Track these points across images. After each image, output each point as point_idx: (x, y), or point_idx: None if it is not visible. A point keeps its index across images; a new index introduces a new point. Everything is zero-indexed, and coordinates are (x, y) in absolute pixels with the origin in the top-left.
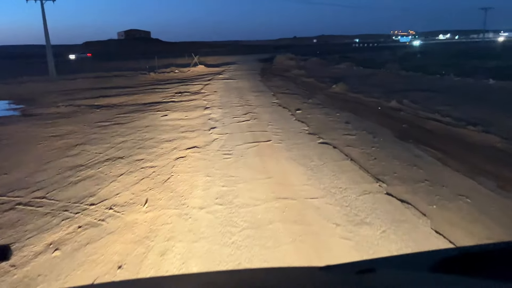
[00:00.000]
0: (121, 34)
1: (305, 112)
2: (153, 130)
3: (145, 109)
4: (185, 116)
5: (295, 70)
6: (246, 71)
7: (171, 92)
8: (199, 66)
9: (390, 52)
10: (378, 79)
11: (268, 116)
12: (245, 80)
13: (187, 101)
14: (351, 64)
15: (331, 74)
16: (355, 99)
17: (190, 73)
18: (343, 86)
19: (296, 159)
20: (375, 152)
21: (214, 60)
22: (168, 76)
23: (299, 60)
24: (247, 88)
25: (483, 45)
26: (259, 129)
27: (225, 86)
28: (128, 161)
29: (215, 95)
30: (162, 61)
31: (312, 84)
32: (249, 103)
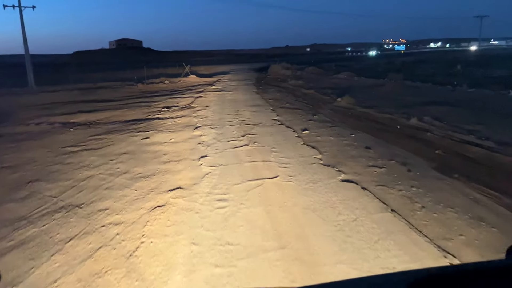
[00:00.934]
0: (112, 43)
1: (313, 132)
2: (129, 160)
3: (125, 128)
4: (170, 139)
5: (293, 81)
6: (240, 81)
7: (158, 106)
8: (190, 76)
9: (387, 60)
10: (385, 91)
11: (270, 139)
12: (239, 92)
13: (174, 118)
14: (351, 74)
15: (332, 85)
16: (366, 115)
17: (180, 84)
18: (349, 99)
19: (316, 209)
20: (418, 196)
21: (207, 70)
22: (157, 88)
23: (295, 69)
24: (242, 101)
25: (480, 53)
26: (261, 158)
27: (218, 99)
28: (87, 213)
29: (207, 110)
30: (153, 71)
31: (314, 96)
32: (246, 121)
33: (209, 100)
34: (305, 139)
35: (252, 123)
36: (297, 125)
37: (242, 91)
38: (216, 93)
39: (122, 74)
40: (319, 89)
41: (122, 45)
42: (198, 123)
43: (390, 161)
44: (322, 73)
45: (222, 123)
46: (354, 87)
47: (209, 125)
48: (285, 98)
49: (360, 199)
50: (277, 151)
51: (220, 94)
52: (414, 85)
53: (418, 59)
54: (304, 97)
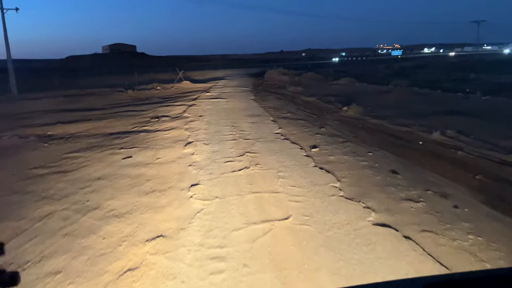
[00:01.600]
0: (106, 48)
1: (324, 150)
2: (104, 188)
3: (106, 143)
4: (156, 159)
5: (291, 87)
6: (236, 87)
7: (147, 116)
8: (184, 82)
9: (385, 65)
10: (393, 99)
11: (274, 159)
12: (236, 99)
13: (164, 131)
14: (351, 80)
15: (334, 92)
16: (380, 127)
17: (173, 90)
18: (357, 108)
19: (350, 276)
20: (483, 250)
21: (201, 75)
22: (147, 94)
23: (292, 74)
24: (239, 110)
25: (477, 58)
26: (266, 186)
27: (213, 107)
28: (30, 280)
29: (201, 121)
30: (145, 76)
31: (317, 105)
32: (244, 135)
33: (203, 109)
34: (316, 159)
35: (251, 137)
36: (303, 140)
37: (239, 99)
38: (211, 101)
39: (113, 79)
40: (321, 96)
41: (116, 49)
42: (190, 137)
43: (426, 191)
44: (321, 79)
45: (218, 137)
46: (358, 94)
47: (203, 140)
48: (286, 106)
49: (407, 256)
50: (285, 176)
51: (215, 102)
52: (422, 92)
53: (416, 64)
54: (306, 105)
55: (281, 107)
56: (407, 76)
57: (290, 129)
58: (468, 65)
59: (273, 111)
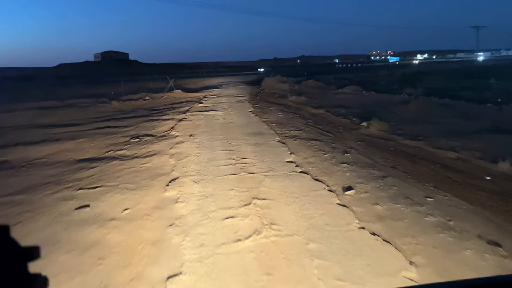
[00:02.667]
0: (97, 55)
1: (363, 193)
2: (32, 269)
3: (65, 178)
4: (123, 210)
5: (293, 96)
6: (231, 97)
7: (128, 134)
8: (175, 91)
9: (386, 72)
10: (415, 111)
11: (297, 214)
12: (232, 111)
13: (143, 158)
14: (357, 88)
15: (342, 102)
16: (419, 151)
17: (163, 101)
18: (380, 124)
19: None
20: None
21: (194, 83)
22: (134, 106)
23: (291, 82)
24: (237, 126)
25: (477, 64)
26: (296, 280)
27: (207, 122)
28: None
29: (191, 142)
30: (135, 84)
31: (327, 119)
32: (247, 166)
33: (195, 125)
34: (358, 211)
35: (257, 169)
36: (328, 173)
37: (236, 111)
38: (204, 114)
39: (101, 88)
40: (329, 108)
41: (107, 57)
42: (176, 169)
43: None
44: (323, 87)
45: (212, 169)
46: (371, 106)
47: (192, 175)
48: (292, 121)
49: None
50: (321, 252)
51: (208, 115)
52: (444, 102)
53: (418, 71)
54: (315, 119)
55: (287, 122)
56: (412, 84)
57: (306, 155)
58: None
59: (278, 128)
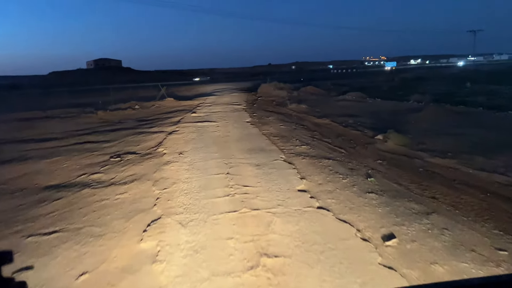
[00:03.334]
0: (90, 63)
1: (410, 243)
2: None
3: (15, 218)
4: (79, 276)
5: (293, 104)
6: (227, 105)
7: (109, 151)
8: (167, 100)
9: (385, 78)
10: (429, 120)
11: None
12: (228, 122)
13: (120, 186)
14: (360, 95)
15: (347, 110)
16: (456, 174)
17: (153, 110)
18: (399, 137)
19: None
20: None
21: (188, 91)
22: (121, 116)
23: (289, 89)
24: (234, 141)
25: (474, 68)
26: None
27: (199, 136)
28: None
29: (180, 162)
30: (126, 92)
31: (335, 130)
32: (250, 199)
33: (186, 140)
34: (415, 280)
35: (263, 204)
36: (354, 209)
37: (232, 121)
38: (197, 125)
39: (90, 96)
40: (335, 117)
41: (100, 64)
42: (159, 202)
43: None
44: (323, 93)
45: (204, 203)
46: (379, 114)
47: (179, 213)
48: (295, 133)
49: None
50: None
51: (202, 127)
52: (458, 110)
53: (416, 76)
54: (321, 131)
55: (290, 135)
56: (413, 89)
57: (320, 180)
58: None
59: (281, 142)
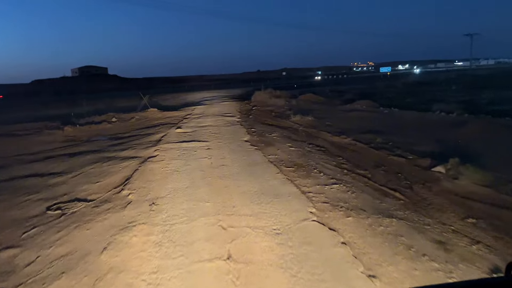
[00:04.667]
0: (75, 71)
1: None
2: None
3: None
4: None
5: (297, 116)
6: (218, 117)
7: (51, 194)
8: (150, 110)
9: (385, 83)
10: (485, 138)
11: None
12: (222, 142)
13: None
14: (370, 103)
15: (366, 124)
16: None
17: (132, 124)
18: (475, 172)
19: None
20: None
21: (175, 99)
22: (92, 132)
23: (286, 97)
24: (233, 174)
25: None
26: None
27: (184, 166)
28: None
29: (149, 223)
30: (106, 102)
31: (366, 154)
32: None
33: (165, 172)
34: None
35: None
36: None
37: (227, 140)
38: (182, 147)
39: (64, 107)
40: (354, 133)
41: (86, 72)
42: None
43: None
44: (325, 102)
45: None
46: (409, 129)
47: None
48: (313, 159)
49: None
50: None
51: (188, 150)
52: (508, 123)
53: (417, 81)
54: (347, 156)
55: (307, 162)
56: (421, 95)
57: (399, 274)
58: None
59: (299, 177)
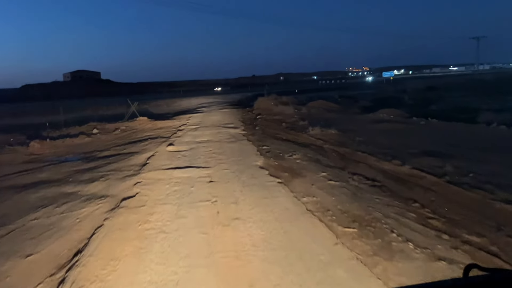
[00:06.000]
0: (67, 75)
1: None
2: None
3: None
4: None
5: (316, 129)
6: (219, 129)
7: None
8: (139, 119)
9: (394, 89)
10: None
11: None
12: (228, 169)
13: None
14: (397, 112)
15: (411, 142)
16: None
17: (115, 137)
18: None
19: None
20: None
21: (168, 105)
22: (64, 149)
23: (294, 104)
24: (256, 247)
25: (478, 78)
26: None
27: (175, 220)
28: None
29: None
30: (91, 109)
31: (449, 196)
32: None
33: (144, 237)
34: None
35: None
36: None
37: (234, 166)
38: (174, 179)
39: (43, 114)
40: (406, 157)
41: (78, 77)
42: None
43: None
44: (340, 110)
45: None
46: (480, 150)
47: None
48: (377, 209)
49: None
50: None
51: (182, 184)
52: None
53: (428, 86)
54: (421, 198)
55: (369, 215)
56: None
57: None
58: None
59: (372, 253)
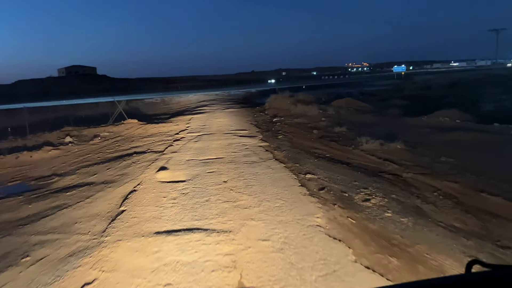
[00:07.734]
0: (62, 70)
1: None
2: None
3: None
4: None
5: (370, 142)
6: (228, 137)
7: None
8: (127, 122)
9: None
10: None
11: None
12: (270, 243)
13: None
14: (460, 115)
15: None
16: None
17: (91, 149)
18: None
19: None
20: None
21: (165, 103)
22: (14, 168)
23: (314, 102)
24: None
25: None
26: None
27: None
28: None
29: None
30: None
31: None
32: None
33: None
34: None
35: None
36: None
37: (273, 225)
38: (163, 275)
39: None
40: None
41: (73, 72)
42: None
43: None
44: (374, 110)
45: None
46: None
47: None
48: None
49: None
50: None
51: None
52: None
53: (452, 82)
54: None
55: None
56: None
57: None
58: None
59: None
